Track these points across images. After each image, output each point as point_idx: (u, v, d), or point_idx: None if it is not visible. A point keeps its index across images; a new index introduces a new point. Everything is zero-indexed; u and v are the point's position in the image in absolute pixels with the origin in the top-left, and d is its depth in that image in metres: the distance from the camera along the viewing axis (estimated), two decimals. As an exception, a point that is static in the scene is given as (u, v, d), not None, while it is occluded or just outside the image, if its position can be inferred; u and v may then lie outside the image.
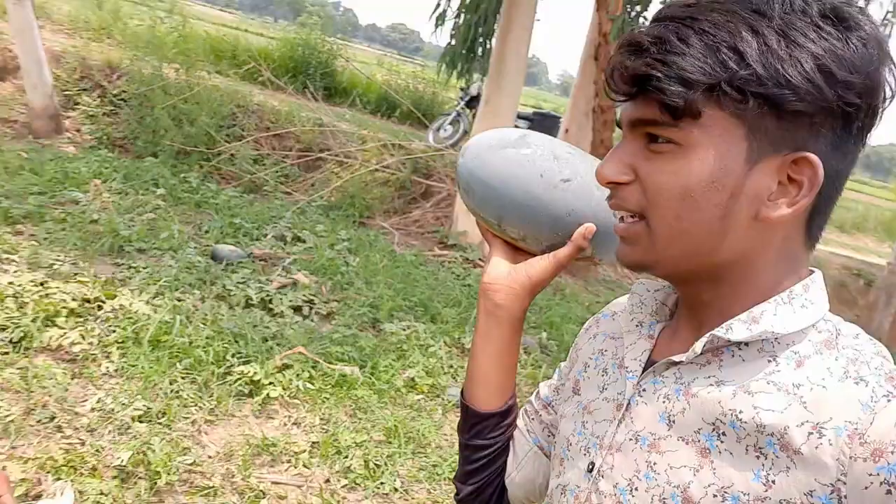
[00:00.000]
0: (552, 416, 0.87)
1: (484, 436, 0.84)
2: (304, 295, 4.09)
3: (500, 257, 0.81)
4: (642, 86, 0.59)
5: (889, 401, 0.54)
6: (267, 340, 3.45)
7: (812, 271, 0.66)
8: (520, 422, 0.89)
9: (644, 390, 0.69)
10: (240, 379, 3.08)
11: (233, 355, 3.22)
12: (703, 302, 0.67)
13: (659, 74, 0.57)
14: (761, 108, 0.56)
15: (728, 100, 0.57)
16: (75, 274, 3.60)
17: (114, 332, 3.17)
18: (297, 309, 3.98)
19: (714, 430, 0.61)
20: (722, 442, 0.60)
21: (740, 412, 0.60)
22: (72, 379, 2.83)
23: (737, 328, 0.62)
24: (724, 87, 0.56)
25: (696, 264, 0.64)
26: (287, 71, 10.02)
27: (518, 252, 0.82)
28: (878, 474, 0.51)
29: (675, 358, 0.66)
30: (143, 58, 7.13)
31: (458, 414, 0.89)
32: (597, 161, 0.77)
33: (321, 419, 3.03)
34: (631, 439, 0.67)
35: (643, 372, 0.71)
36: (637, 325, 0.76)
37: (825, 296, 0.65)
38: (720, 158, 0.58)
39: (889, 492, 0.50)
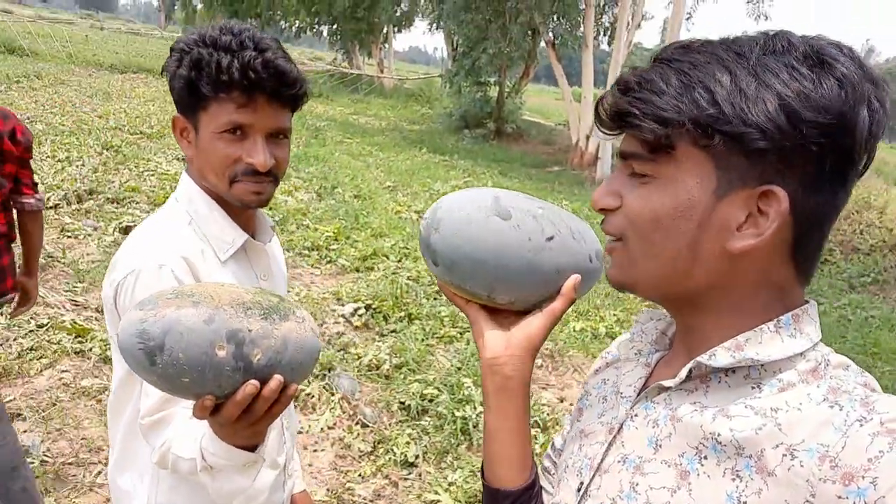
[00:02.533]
0: None
1: None
2: None
3: (491, 327, 0.78)
4: (623, 122, 0.64)
5: (862, 425, 0.53)
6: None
7: (807, 301, 0.66)
8: (544, 482, 0.87)
9: (636, 415, 0.71)
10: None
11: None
12: (690, 327, 0.69)
13: (636, 112, 0.62)
14: (727, 145, 0.59)
15: (697, 136, 0.60)
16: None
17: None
18: None
19: (697, 453, 0.63)
20: (703, 465, 0.62)
21: (719, 434, 0.61)
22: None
23: (720, 355, 0.64)
24: (690, 125, 0.59)
25: (672, 288, 0.67)
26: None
27: (498, 313, 0.79)
28: (847, 498, 0.51)
29: (665, 383, 0.68)
30: None
31: None
32: (563, 210, 0.80)
33: None
34: (619, 461, 0.70)
35: (637, 397, 0.73)
36: (636, 354, 0.79)
37: (817, 326, 0.65)
38: (689, 190, 0.62)
39: None
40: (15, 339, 3.46)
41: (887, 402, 0.55)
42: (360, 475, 2.87)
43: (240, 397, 0.76)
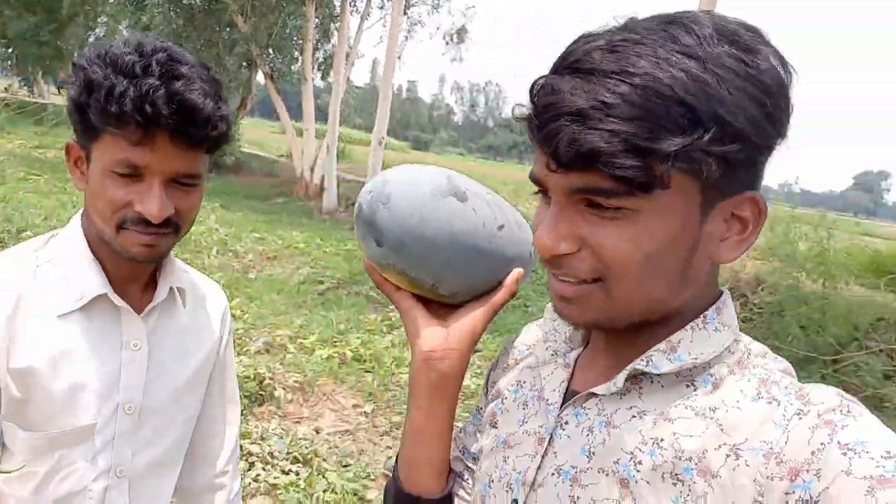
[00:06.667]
0: None
1: None
2: None
3: (426, 318, 0.72)
4: (592, 160, 0.53)
5: (801, 418, 0.54)
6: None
7: (721, 292, 0.65)
8: (457, 488, 0.80)
9: (566, 423, 0.67)
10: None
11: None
12: (628, 337, 0.64)
13: (612, 149, 0.51)
14: (718, 165, 0.54)
15: (687, 162, 0.53)
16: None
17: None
18: None
19: (631, 458, 0.60)
20: (638, 471, 0.59)
21: (661, 440, 0.59)
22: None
23: (657, 360, 0.61)
24: (684, 154, 0.52)
25: (651, 314, 0.62)
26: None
27: (431, 305, 0.74)
28: (794, 492, 0.50)
29: (597, 391, 0.64)
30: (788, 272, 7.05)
31: None
32: (505, 203, 0.75)
33: None
34: (553, 474, 0.65)
35: (563, 403, 0.68)
36: (552, 355, 0.73)
37: (734, 316, 0.64)
38: (679, 216, 0.56)
39: None
40: None
41: (820, 393, 0.55)
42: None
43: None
